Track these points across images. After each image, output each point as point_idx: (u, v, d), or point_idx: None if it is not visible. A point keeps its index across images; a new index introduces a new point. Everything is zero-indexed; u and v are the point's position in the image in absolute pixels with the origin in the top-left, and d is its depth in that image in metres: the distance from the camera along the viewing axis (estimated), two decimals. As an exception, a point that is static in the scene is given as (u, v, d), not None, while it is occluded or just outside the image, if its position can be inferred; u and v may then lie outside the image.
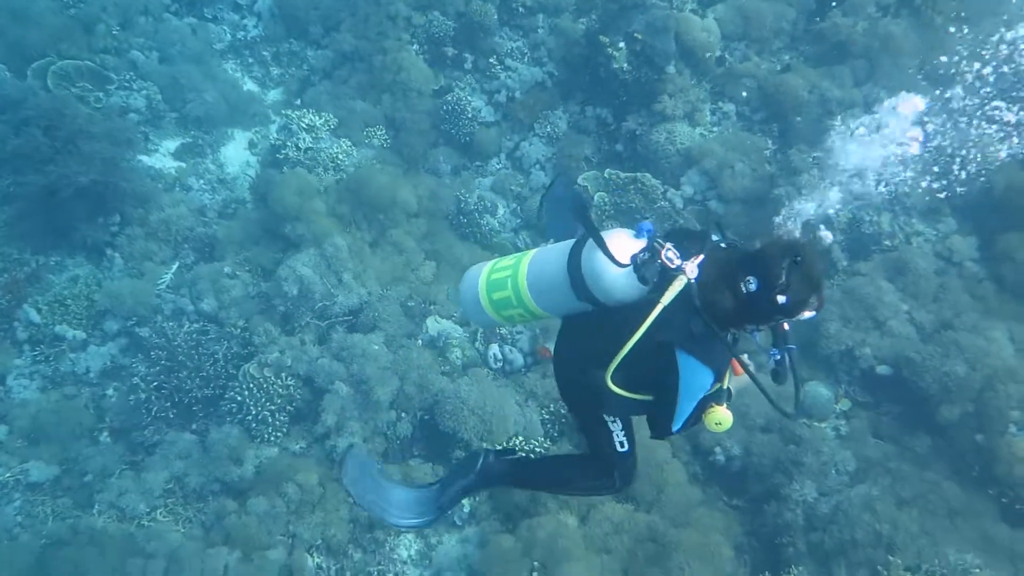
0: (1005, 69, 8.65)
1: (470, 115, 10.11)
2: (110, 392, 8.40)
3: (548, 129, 10.19)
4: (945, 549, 6.29)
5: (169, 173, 9.76)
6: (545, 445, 7.82)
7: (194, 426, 8.08)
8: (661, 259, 2.88)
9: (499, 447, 4.09)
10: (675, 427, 3.08)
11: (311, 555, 7.58)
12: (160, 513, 7.67)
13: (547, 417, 8.07)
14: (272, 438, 7.87)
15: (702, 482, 7.59)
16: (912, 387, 7.54)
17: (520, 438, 7.89)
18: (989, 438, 7.13)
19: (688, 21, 9.69)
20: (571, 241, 3.19)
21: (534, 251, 3.37)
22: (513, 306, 3.32)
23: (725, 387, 3.03)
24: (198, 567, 7.17)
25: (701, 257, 2.89)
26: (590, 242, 3.02)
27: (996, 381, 7.29)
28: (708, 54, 9.76)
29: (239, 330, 8.40)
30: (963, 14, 9.45)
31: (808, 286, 2.79)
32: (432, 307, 8.73)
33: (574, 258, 3.07)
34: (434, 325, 8.54)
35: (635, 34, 9.61)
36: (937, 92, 9.36)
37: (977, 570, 6.14)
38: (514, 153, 10.26)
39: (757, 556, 7.04)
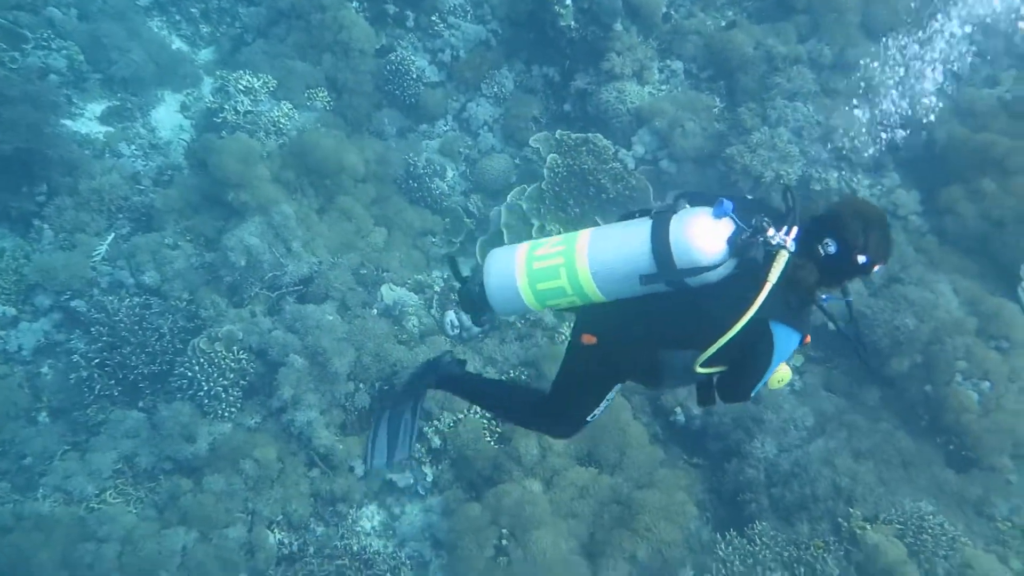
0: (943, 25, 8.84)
1: (414, 75, 9.84)
2: (45, 370, 8.00)
3: (495, 89, 9.99)
4: (901, 498, 6.48)
5: (97, 139, 9.26)
6: (507, 410, 7.75)
7: (141, 404, 7.75)
8: (766, 237, 2.80)
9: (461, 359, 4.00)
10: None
11: (272, 531, 7.40)
12: (110, 495, 7.35)
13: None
14: (226, 414, 7.59)
15: (663, 442, 7.65)
16: (863, 341, 7.71)
17: (482, 404, 7.81)
18: (937, 389, 7.35)
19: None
20: (640, 222, 3.03)
21: (584, 236, 3.14)
22: (566, 295, 3.12)
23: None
24: (154, 549, 6.92)
25: (796, 230, 2.84)
26: (681, 224, 2.90)
27: (943, 333, 7.50)
28: (655, 11, 9.68)
29: (184, 303, 8.06)
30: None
31: (885, 244, 2.89)
32: (385, 274, 8.52)
33: (660, 242, 2.91)
34: (389, 293, 8.34)
35: (581, -10, 9.45)
36: (879, 45, 9.53)
37: (931, 516, 6.35)
38: (461, 114, 10.04)
39: (720, 513, 7.16)
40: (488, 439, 7.60)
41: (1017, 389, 7.40)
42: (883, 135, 9.01)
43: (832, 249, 2.87)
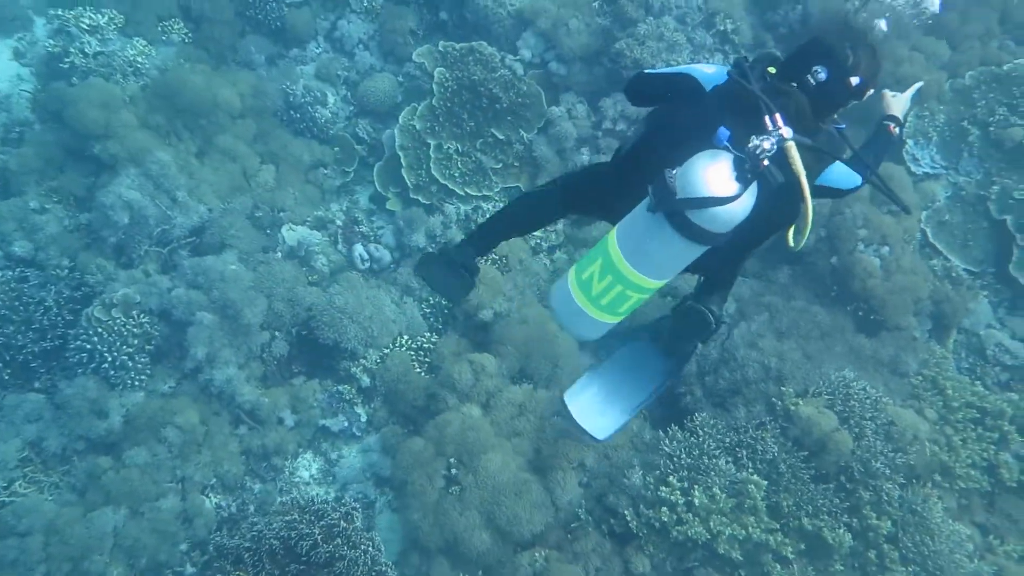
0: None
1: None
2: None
3: (365, 3, 9.39)
4: (826, 369, 6.72)
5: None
6: (432, 340, 7.58)
7: (37, 384, 7.13)
8: (764, 151, 2.54)
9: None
10: None
11: (207, 496, 7.06)
12: (20, 485, 6.80)
13: (428, 311, 7.79)
14: (136, 382, 7.08)
15: (592, 348, 7.66)
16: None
17: (405, 337, 7.60)
18: (841, 258, 7.61)
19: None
20: (639, 213, 2.78)
21: (612, 236, 2.89)
22: (628, 297, 2.90)
23: None
24: (83, 534, 6.47)
25: (778, 115, 2.61)
26: (686, 188, 2.60)
27: (842, 204, 7.74)
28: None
29: (66, 271, 7.39)
30: None
31: (875, 63, 2.79)
32: (282, 214, 8.05)
33: (682, 225, 2.64)
34: (290, 234, 7.90)
35: None
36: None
37: (854, 382, 6.63)
38: (332, 34, 9.42)
39: (657, 411, 7.25)
40: (418, 370, 7.43)
41: (912, 249, 7.78)
42: (762, 13, 9.08)
43: (823, 76, 2.77)
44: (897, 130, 3.38)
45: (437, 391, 7.21)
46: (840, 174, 3.04)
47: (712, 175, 2.57)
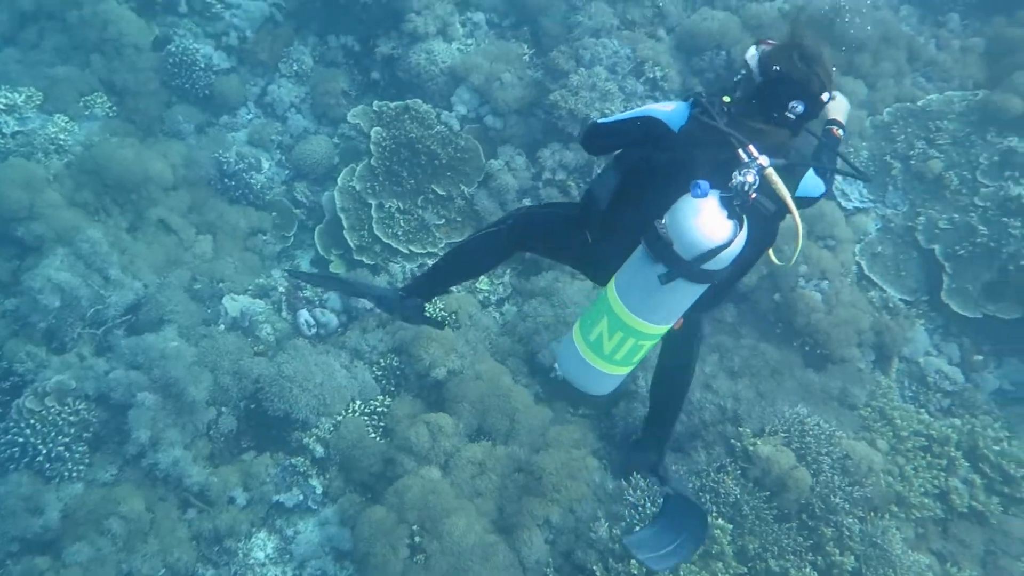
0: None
1: (202, 65, 9.01)
2: None
3: (294, 67, 9.36)
4: (780, 407, 6.82)
5: None
6: (386, 403, 7.45)
7: (-35, 485, 6.76)
8: (750, 184, 2.62)
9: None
10: None
11: (158, 587, 6.75)
12: (-52, 600, 6.42)
13: (379, 373, 7.66)
14: (74, 474, 6.77)
15: (547, 400, 7.61)
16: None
17: (358, 402, 7.45)
18: (784, 295, 7.77)
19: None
20: (638, 267, 2.79)
21: (611, 288, 2.91)
22: (639, 346, 2.95)
23: None
24: (24, 645, 6.12)
25: (750, 146, 2.69)
26: (679, 238, 2.65)
27: (781, 241, 7.89)
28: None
29: (-7, 361, 7.08)
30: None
31: (830, 68, 2.90)
32: (222, 285, 7.86)
33: (683, 269, 2.67)
34: (232, 305, 7.71)
35: (366, -51, 8.98)
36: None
37: (808, 418, 6.73)
38: (263, 99, 9.33)
39: (616, 457, 7.24)
40: (373, 435, 7.28)
41: (850, 282, 7.98)
42: (688, 59, 9.31)
43: (800, 109, 2.87)
44: (840, 132, 3.48)
45: (394, 455, 7.06)
46: (811, 183, 3.19)
47: (707, 223, 2.62)
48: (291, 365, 7.25)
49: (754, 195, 2.62)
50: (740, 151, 2.70)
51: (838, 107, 3.54)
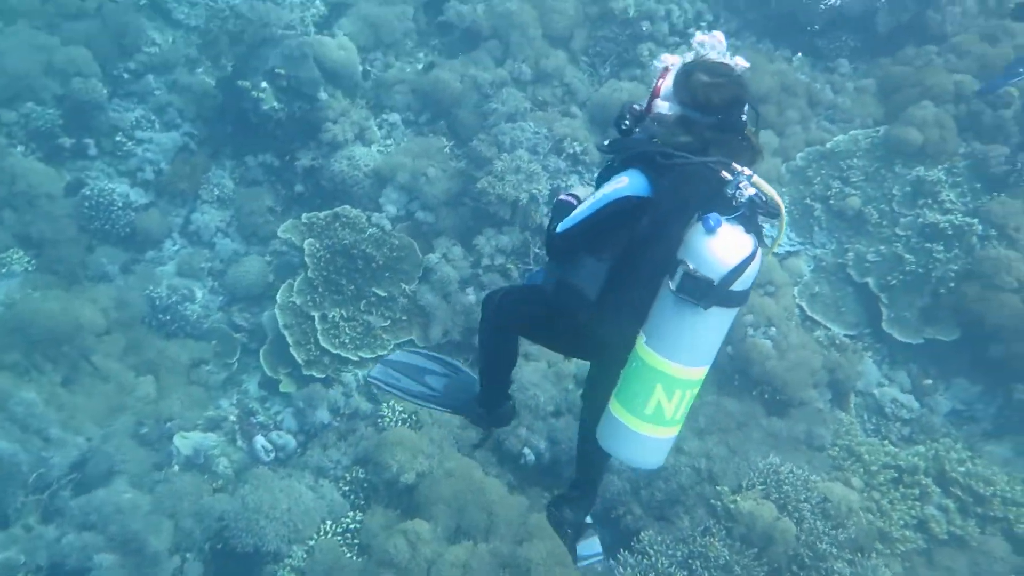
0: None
1: (119, 204, 8.87)
2: None
3: (215, 192, 9.29)
4: (753, 459, 6.87)
5: None
6: (358, 518, 7.23)
7: None
8: (755, 199, 2.72)
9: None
10: None
11: None
12: None
13: (346, 488, 7.46)
14: (37, 652, 6.37)
15: (520, 488, 7.51)
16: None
17: (329, 522, 7.22)
18: (736, 346, 7.90)
19: (323, 44, 9.35)
20: (673, 320, 2.81)
21: (661, 366, 2.83)
22: (684, 397, 2.89)
23: None
24: None
25: (732, 164, 2.76)
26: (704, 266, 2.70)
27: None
28: (352, 71, 9.52)
29: (-66, 546, 6.66)
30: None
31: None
32: (170, 424, 7.61)
33: (728, 298, 2.72)
34: (184, 443, 7.46)
35: (276, 70, 9.06)
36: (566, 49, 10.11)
37: (783, 467, 6.79)
38: (188, 228, 9.21)
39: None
40: (349, 554, 7.04)
41: (795, 325, 8.17)
42: (602, 132, 9.56)
43: (745, 111, 2.95)
44: None
45: (375, 572, 6.83)
46: None
47: (729, 243, 2.66)
48: (254, 496, 7.01)
49: (752, 211, 2.73)
50: (724, 171, 2.75)
51: None
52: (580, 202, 3.12)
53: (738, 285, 2.69)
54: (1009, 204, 8.25)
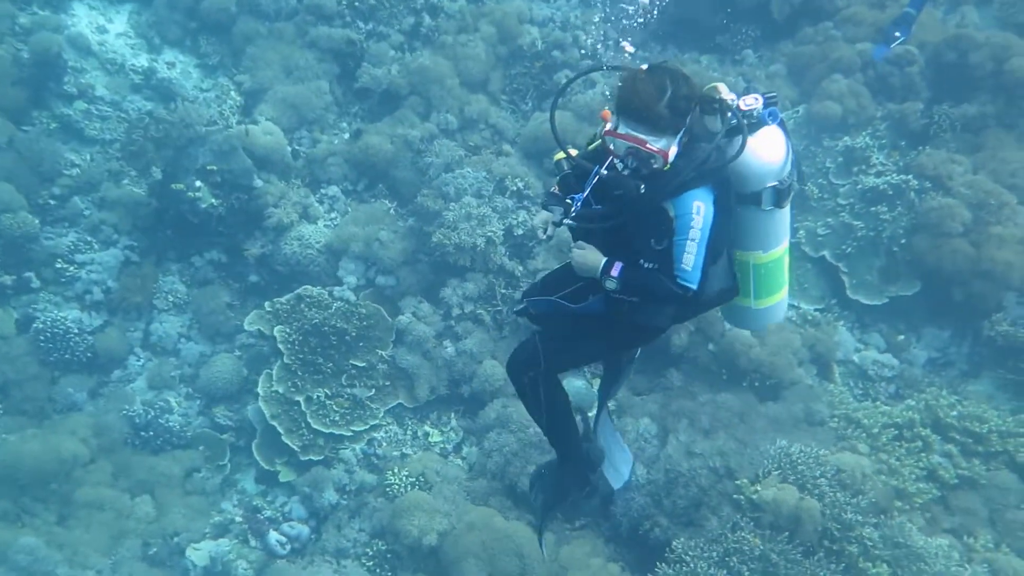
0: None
1: (75, 331, 8.65)
2: None
3: (170, 299, 9.13)
4: (763, 447, 7.00)
5: None
6: (388, 591, 7.16)
7: None
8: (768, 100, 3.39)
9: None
10: None
11: None
12: None
13: (371, 564, 7.36)
14: None
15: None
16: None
17: (361, 603, 7.12)
18: (717, 342, 8.07)
19: (249, 133, 9.34)
20: (757, 220, 3.55)
21: (769, 259, 3.67)
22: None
23: None
24: None
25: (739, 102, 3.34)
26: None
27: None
28: (282, 153, 9.52)
29: None
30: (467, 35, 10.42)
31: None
32: (178, 539, 7.42)
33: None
34: (197, 555, 7.28)
35: (208, 167, 9.02)
36: (483, 94, 10.29)
37: (792, 448, 6.90)
38: (149, 340, 9.02)
39: (631, 554, 7.19)
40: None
41: (765, 309, 8.38)
42: (539, 164, 9.75)
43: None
44: None
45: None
46: None
47: (776, 144, 3.42)
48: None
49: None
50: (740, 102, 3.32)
51: None
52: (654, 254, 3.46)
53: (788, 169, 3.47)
54: (935, 155, 8.66)
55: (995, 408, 7.58)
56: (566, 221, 3.58)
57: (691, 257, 3.36)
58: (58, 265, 9.09)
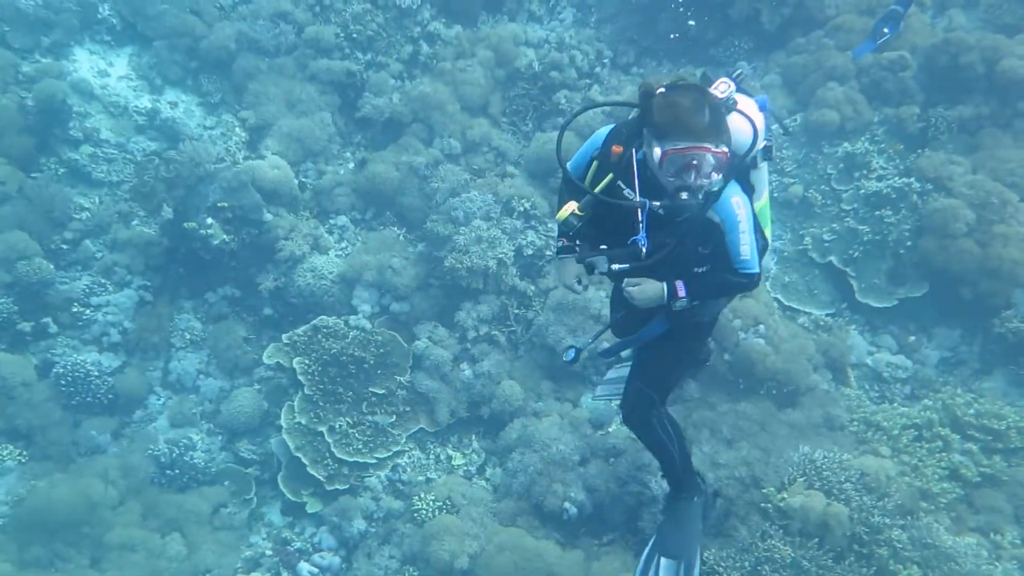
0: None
1: (95, 373, 8.72)
2: None
3: (187, 336, 9.22)
4: (787, 454, 7.08)
5: None
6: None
7: None
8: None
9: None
10: None
11: None
12: None
13: (411, 585, 7.44)
14: None
15: (571, 543, 7.57)
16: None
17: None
18: (732, 352, 8.17)
19: (256, 168, 9.45)
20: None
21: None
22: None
23: None
24: None
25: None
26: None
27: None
28: (289, 186, 9.62)
29: None
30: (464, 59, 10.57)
31: None
32: (209, 575, 7.48)
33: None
34: (232, 593, 7.32)
35: (219, 204, 9.12)
36: (484, 117, 10.42)
37: (816, 454, 6.94)
38: (168, 379, 9.10)
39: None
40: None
41: (777, 318, 8.51)
42: (544, 183, 9.87)
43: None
44: None
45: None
46: None
47: (754, 108, 3.99)
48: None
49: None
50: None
51: None
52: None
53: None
54: (934, 157, 8.80)
55: (1010, 404, 7.69)
56: (624, 267, 3.83)
57: (747, 248, 3.76)
58: (74, 309, 9.16)
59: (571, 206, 3.96)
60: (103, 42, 10.63)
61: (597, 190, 3.89)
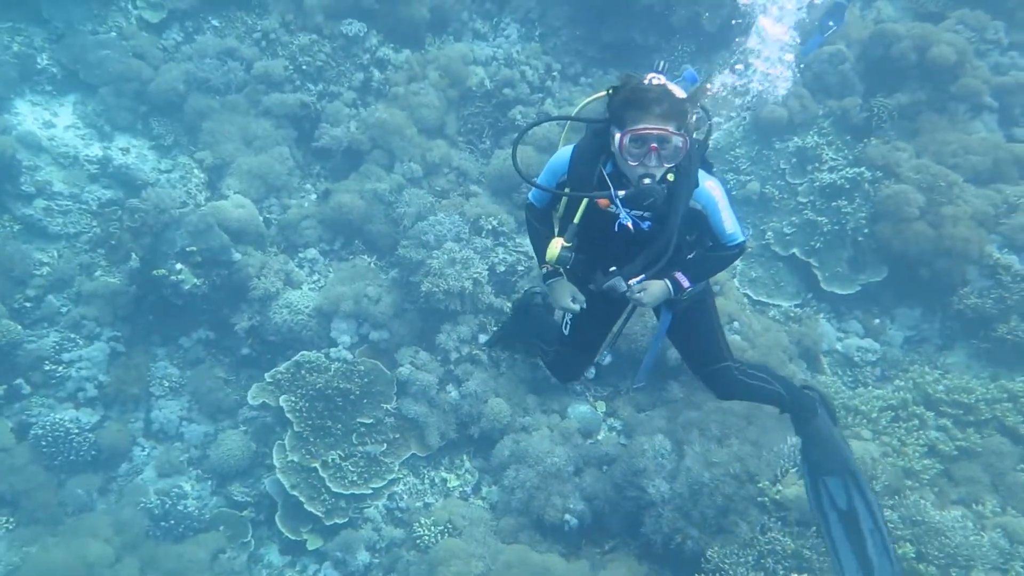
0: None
1: (75, 432, 8.58)
2: None
3: (165, 384, 9.13)
4: (777, 447, 7.32)
5: None
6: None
7: None
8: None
9: None
10: None
11: None
12: None
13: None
14: None
15: (574, 553, 7.72)
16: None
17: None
18: (710, 350, 8.40)
19: (221, 208, 9.39)
20: None
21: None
22: None
23: None
24: None
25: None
26: None
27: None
28: (255, 224, 9.59)
29: None
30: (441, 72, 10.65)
31: None
32: (219, 624, 7.43)
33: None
34: (244, 639, 7.29)
35: (187, 248, 9.05)
36: (443, 142, 10.50)
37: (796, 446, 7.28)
38: (151, 428, 9.00)
39: (667, 570, 7.44)
40: None
41: (750, 313, 8.79)
42: (509, 199, 10.01)
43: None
44: None
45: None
46: None
47: None
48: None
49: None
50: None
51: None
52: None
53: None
54: (881, 145, 9.18)
55: (975, 377, 8.08)
56: (641, 277, 4.13)
57: (730, 222, 4.10)
58: (46, 367, 8.99)
59: (558, 242, 4.14)
60: (45, 92, 10.43)
61: (577, 217, 4.08)
